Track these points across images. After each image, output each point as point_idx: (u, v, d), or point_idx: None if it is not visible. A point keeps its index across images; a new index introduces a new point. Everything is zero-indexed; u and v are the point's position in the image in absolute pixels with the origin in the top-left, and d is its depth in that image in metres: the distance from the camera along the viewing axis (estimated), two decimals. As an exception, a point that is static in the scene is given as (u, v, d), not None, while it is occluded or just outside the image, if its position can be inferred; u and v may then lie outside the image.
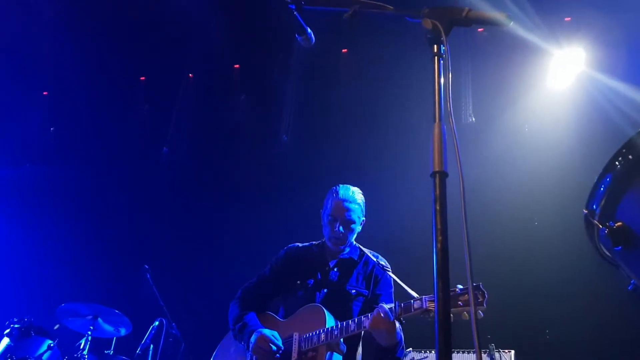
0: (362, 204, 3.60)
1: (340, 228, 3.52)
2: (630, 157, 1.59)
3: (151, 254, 6.78)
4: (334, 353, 3.25)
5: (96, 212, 7.73)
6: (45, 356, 5.31)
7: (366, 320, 3.10)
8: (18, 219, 8.02)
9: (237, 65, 8.14)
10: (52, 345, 5.40)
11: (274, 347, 3.28)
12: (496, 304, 5.27)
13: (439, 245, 1.58)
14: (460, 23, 1.85)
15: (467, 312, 2.82)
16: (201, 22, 7.58)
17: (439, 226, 1.61)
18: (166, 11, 7.40)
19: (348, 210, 3.52)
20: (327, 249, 3.68)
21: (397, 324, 3.09)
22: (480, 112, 6.75)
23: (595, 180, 1.68)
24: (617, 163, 1.61)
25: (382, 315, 3.03)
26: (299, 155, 7.37)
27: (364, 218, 3.65)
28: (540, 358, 5.36)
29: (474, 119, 6.71)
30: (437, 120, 1.72)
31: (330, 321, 3.28)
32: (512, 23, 1.86)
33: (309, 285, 3.57)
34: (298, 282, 3.59)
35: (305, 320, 3.37)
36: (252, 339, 3.33)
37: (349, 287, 3.53)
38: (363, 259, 3.65)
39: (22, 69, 8.22)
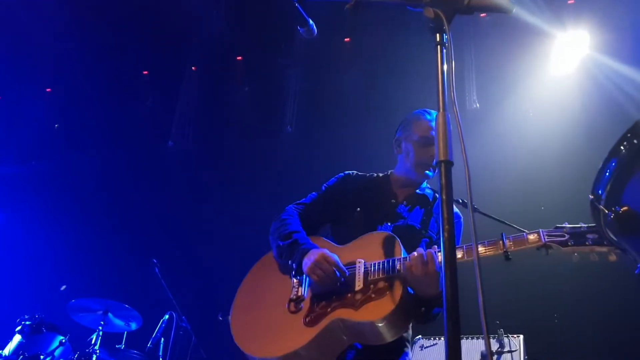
0: None
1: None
2: (635, 141, 1.57)
3: (159, 247, 6.80)
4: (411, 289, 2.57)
5: (103, 208, 7.75)
6: (57, 352, 5.32)
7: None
8: (26, 216, 8.06)
9: (240, 57, 8.12)
10: (63, 341, 5.42)
11: (337, 272, 2.60)
12: (504, 289, 5.31)
13: (445, 234, 1.59)
14: (462, 11, 1.83)
15: (596, 254, 2.47)
16: (203, 14, 7.56)
17: (445, 215, 1.61)
18: (168, 4, 7.38)
19: None
20: (397, 182, 3.06)
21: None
22: (485, 98, 6.71)
23: (601, 165, 1.67)
24: (622, 147, 1.60)
25: (423, 257, 2.44)
26: (304, 145, 7.36)
27: None
28: (548, 343, 5.36)
29: (478, 105, 6.68)
30: (441, 109, 1.72)
31: (405, 253, 2.62)
32: (515, 9, 1.85)
33: (371, 216, 2.92)
34: (358, 209, 2.96)
35: (372, 248, 2.68)
36: (309, 257, 2.65)
37: (418, 225, 2.90)
38: (438, 200, 2.96)
39: (25, 66, 8.23)
